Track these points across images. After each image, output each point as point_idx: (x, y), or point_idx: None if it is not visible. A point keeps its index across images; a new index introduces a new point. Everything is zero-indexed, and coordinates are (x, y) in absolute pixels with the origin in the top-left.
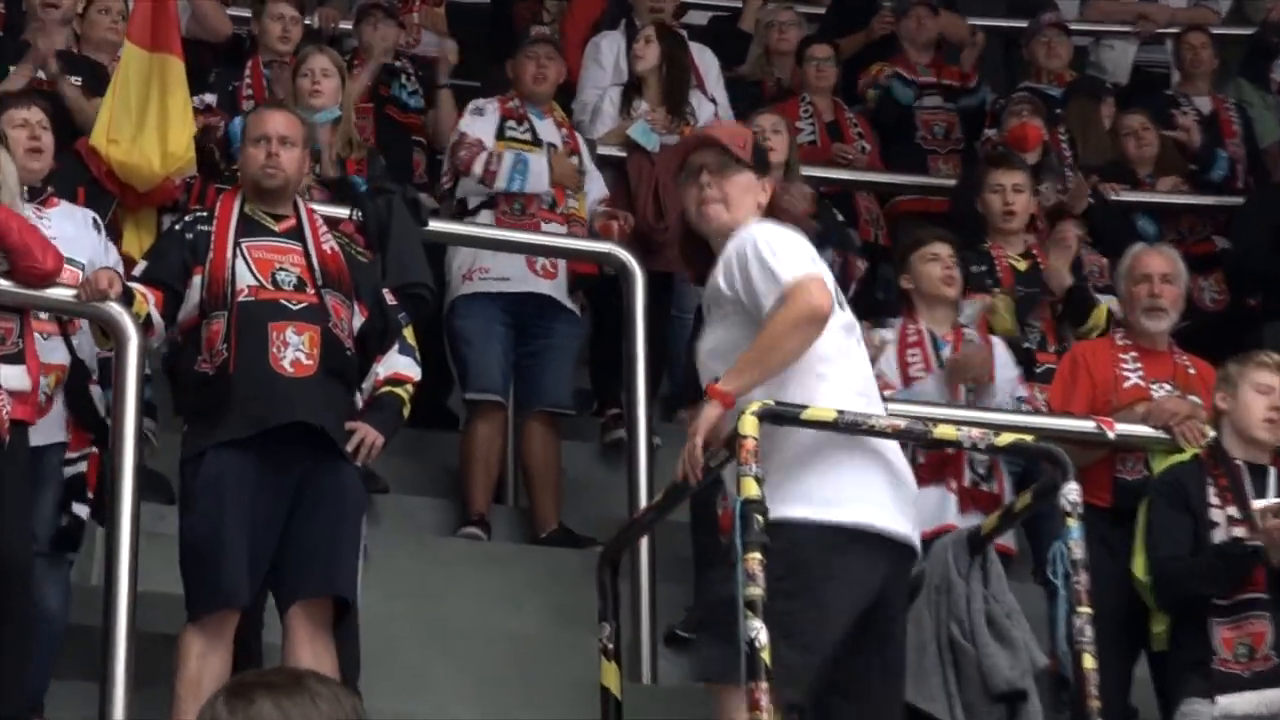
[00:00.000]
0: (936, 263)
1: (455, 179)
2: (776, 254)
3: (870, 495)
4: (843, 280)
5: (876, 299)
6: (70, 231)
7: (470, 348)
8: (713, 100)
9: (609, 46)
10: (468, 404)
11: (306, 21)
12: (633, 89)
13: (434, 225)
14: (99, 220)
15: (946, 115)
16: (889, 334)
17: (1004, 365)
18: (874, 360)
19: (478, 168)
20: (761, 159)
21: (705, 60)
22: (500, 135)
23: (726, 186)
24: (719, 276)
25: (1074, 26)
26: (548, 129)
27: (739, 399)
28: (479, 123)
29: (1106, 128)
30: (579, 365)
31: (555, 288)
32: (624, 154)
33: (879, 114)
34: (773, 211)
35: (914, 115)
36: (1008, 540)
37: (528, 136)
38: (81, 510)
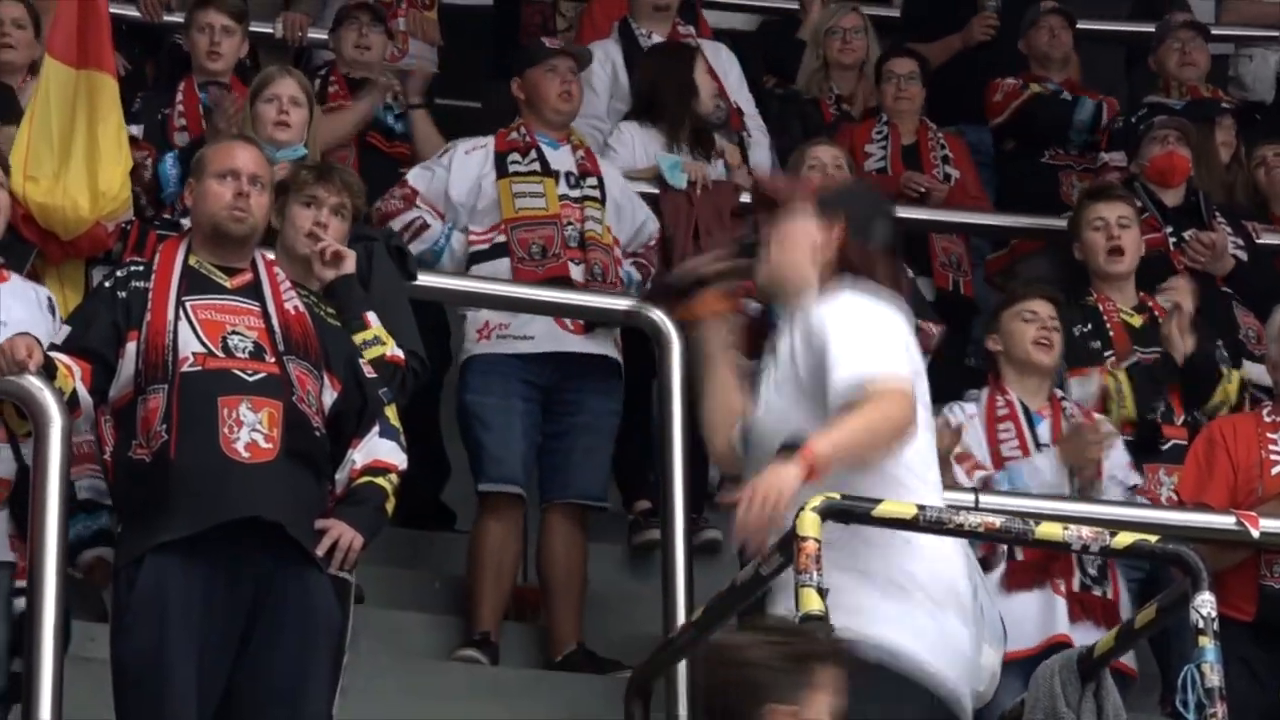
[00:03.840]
0: (1032, 323)
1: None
2: (869, 335)
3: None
4: None
5: (966, 366)
6: (20, 315)
7: (486, 429)
8: (738, 109)
9: (600, 62)
10: (480, 496)
11: (268, 30)
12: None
13: (424, 279)
14: (54, 301)
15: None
16: (969, 408)
17: (1112, 449)
18: (945, 450)
19: (397, 223)
20: (832, 205)
21: (721, 61)
22: (502, 173)
23: (777, 234)
24: (793, 341)
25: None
26: (562, 158)
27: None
28: (437, 176)
29: (1225, 159)
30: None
31: (589, 343)
32: (654, 190)
33: (1033, 117)
34: (847, 268)
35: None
36: (1128, 660)
37: (535, 167)
38: None
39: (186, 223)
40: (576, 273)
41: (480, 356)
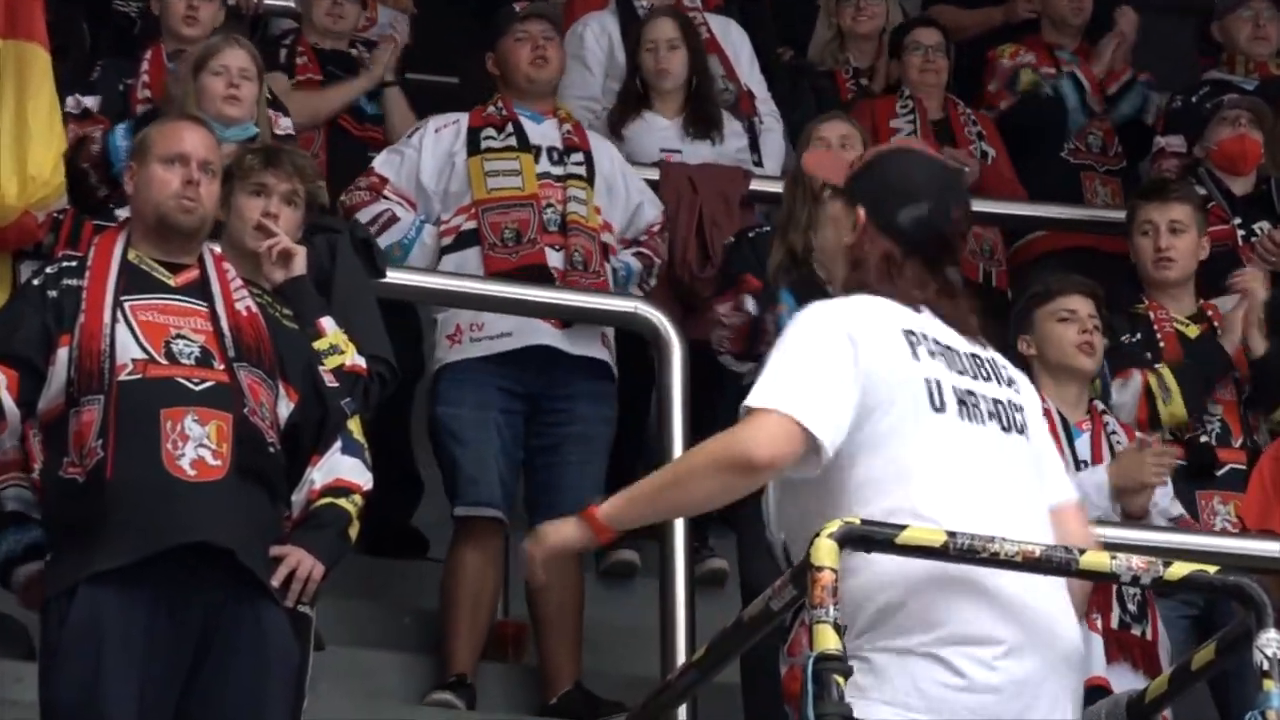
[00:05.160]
0: (1071, 323)
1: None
2: (783, 358)
3: None
4: None
5: None
6: None
7: (461, 445)
8: (749, 92)
9: (596, 36)
10: (456, 521)
11: None
12: (640, 100)
13: (394, 275)
14: None
15: (1103, 122)
16: None
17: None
18: None
19: (364, 216)
20: (855, 185)
21: (731, 40)
22: (474, 150)
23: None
24: None
25: None
26: (546, 131)
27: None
28: (407, 159)
29: None
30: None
31: (574, 342)
32: (654, 175)
33: (1024, 112)
34: (859, 263)
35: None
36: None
37: (511, 142)
38: None
39: (123, 213)
40: (555, 259)
41: (453, 367)
